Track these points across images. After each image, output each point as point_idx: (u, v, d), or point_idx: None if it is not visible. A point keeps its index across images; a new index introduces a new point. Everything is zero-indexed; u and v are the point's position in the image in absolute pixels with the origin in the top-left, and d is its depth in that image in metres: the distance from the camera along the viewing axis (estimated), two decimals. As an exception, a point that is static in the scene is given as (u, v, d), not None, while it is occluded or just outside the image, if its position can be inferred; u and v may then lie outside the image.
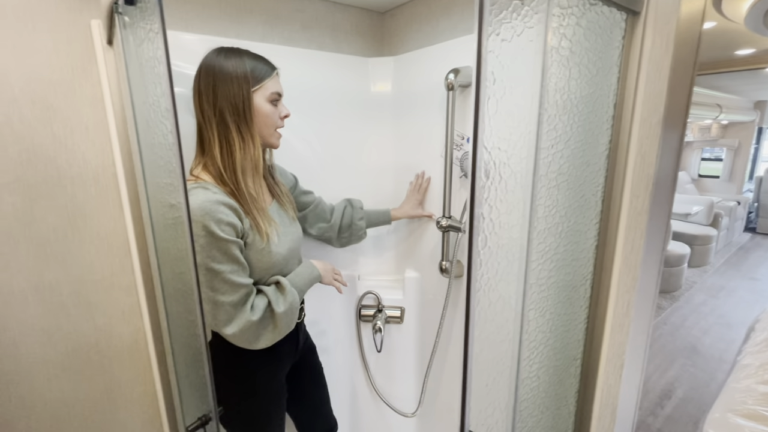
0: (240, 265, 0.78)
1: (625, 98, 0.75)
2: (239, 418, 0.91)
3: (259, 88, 0.82)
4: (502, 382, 0.73)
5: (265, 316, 0.81)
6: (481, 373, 0.69)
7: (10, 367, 0.95)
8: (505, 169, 0.63)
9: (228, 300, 0.76)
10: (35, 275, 0.96)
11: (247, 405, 0.91)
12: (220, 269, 0.75)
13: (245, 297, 0.78)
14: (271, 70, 0.85)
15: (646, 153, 0.70)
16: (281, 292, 0.85)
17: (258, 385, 0.91)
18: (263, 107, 0.82)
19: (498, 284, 0.67)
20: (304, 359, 1.09)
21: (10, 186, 0.90)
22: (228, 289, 0.76)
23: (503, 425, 0.76)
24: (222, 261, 0.75)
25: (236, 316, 0.77)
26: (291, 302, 0.84)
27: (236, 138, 0.80)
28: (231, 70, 0.78)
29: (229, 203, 0.77)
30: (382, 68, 1.37)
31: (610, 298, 0.80)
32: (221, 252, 0.75)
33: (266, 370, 0.92)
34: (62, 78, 0.92)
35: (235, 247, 0.76)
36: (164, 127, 0.69)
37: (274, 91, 0.85)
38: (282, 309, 0.82)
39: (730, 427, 1.28)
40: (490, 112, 0.59)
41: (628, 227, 0.74)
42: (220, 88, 0.78)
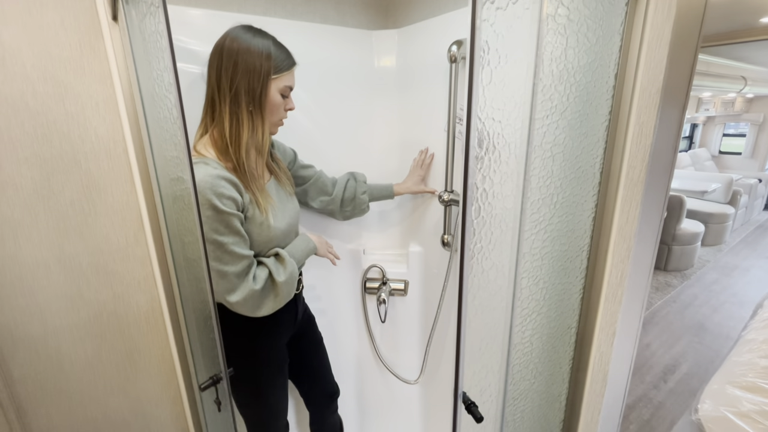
0: (241, 237, 0.81)
1: (627, 68, 0.74)
2: (242, 384, 0.97)
3: (277, 78, 0.83)
4: (495, 347, 0.77)
5: (266, 286, 0.85)
6: (474, 338, 0.72)
7: (39, 330, 1.02)
8: (499, 140, 0.64)
9: (231, 270, 0.80)
10: (56, 247, 1.01)
11: (248, 372, 0.97)
12: (223, 241, 0.78)
13: (247, 267, 0.82)
14: (291, 64, 0.86)
15: (644, 123, 0.70)
16: (281, 263, 0.89)
17: (258, 353, 0.97)
18: (274, 97, 0.84)
19: (491, 253, 0.69)
20: (303, 329, 1.14)
21: (29, 160, 0.94)
22: (231, 260, 0.79)
23: (495, 388, 0.80)
24: (224, 233, 0.78)
25: (239, 286, 0.81)
26: (290, 272, 0.88)
27: (246, 119, 0.81)
28: (256, 51, 0.79)
29: (230, 178, 0.79)
30: (387, 42, 1.36)
31: (606, 269, 0.82)
32: (223, 225, 0.78)
33: (266, 339, 0.97)
34: (71, 55, 0.94)
35: (236, 219, 0.80)
36: (168, 101, 0.72)
37: (288, 85, 0.86)
38: (282, 278, 0.86)
39: (728, 398, 1.30)
40: (485, 82, 0.59)
41: (624, 198, 0.74)
42: (242, 64, 0.78)
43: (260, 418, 1.05)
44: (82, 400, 1.11)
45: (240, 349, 0.95)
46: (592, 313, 0.87)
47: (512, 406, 0.85)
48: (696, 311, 3.04)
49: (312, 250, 1.00)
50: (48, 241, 1.00)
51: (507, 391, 0.80)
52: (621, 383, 0.93)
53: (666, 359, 2.49)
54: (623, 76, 0.74)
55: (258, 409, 1.03)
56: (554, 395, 0.94)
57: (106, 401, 1.15)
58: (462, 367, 0.65)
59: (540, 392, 0.90)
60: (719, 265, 3.87)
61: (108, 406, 1.16)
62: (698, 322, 2.89)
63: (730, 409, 1.25)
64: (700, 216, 4.19)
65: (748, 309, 3.03)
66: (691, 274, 3.68)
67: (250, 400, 1.02)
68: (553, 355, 0.89)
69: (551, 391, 0.93)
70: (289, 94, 0.88)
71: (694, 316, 2.98)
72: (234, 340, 0.94)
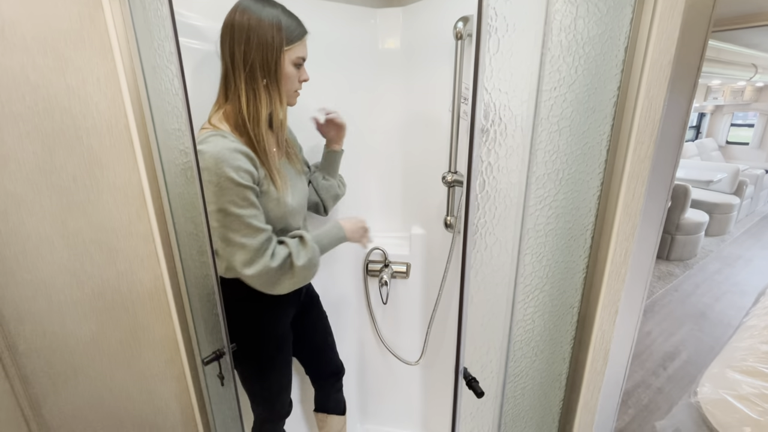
0: (259, 210, 0.81)
1: (638, 41, 0.72)
2: (246, 360, 0.99)
3: (289, 49, 0.82)
4: (497, 323, 0.77)
5: (284, 265, 0.83)
6: (476, 313, 0.72)
7: (43, 306, 1.03)
8: (506, 111, 0.62)
9: (249, 243, 0.79)
10: (59, 222, 1.01)
11: (252, 348, 0.98)
12: (241, 213, 0.77)
13: (266, 242, 0.81)
14: (303, 33, 0.85)
15: (654, 97, 0.68)
16: (303, 246, 0.87)
17: (263, 330, 0.98)
18: (287, 68, 0.83)
19: (495, 228, 0.69)
20: (307, 307, 1.15)
21: (31, 134, 0.93)
22: (249, 233, 0.78)
23: (497, 364, 0.80)
24: (242, 206, 0.77)
25: (256, 260, 0.80)
26: (311, 258, 0.87)
27: (263, 94, 0.81)
28: (267, 23, 0.78)
29: (246, 152, 0.79)
30: (391, 21, 1.33)
31: (610, 247, 0.81)
32: (240, 197, 0.77)
33: (270, 316, 0.98)
34: (71, 27, 0.93)
35: (252, 193, 0.79)
36: (170, 72, 0.71)
37: (300, 55, 0.85)
38: (301, 263, 0.84)
39: (727, 382, 1.31)
40: (492, 51, 0.58)
41: (630, 174, 0.73)
42: (254, 38, 0.78)
43: (263, 393, 1.06)
44: (87, 374, 1.13)
45: (245, 325, 0.96)
46: (595, 291, 0.86)
47: (513, 383, 0.85)
48: (697, 300, 3.05)
49: (341, 239, 0.98)
50: (51, 216, 1.00)
51: (508, 368, 0.80)
52: (622, 363, 0.93)
53: (666, 347, 2.50)
54: (633, 49, 0.72)
55: (261, 384, 1.04)
56: (555, 374, 0.95)
57: (111, 376, 1.16)
58: (463, 342, 0.65)
59: (541, 370, 0.91)
60: (722, 255, 3.86)
61: (113, 381, 1.17)
62: (699, 311, 2.89)
63: (730, 392, 1.26)
64: (705, 206, 4.16)
65: (749, 298, 3.02)
66: (694, 263, 3.67)
67: (253, 376, 1.03)
68: (555, 333, 0.89)
69: (552, 370, 0.94)
70: (302, 65, 0.87)
71: (696, 305, 2.98)
72: (239, 316, 0.94)
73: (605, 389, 0.88)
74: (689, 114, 0.77)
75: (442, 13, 1.18)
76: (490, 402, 0.85)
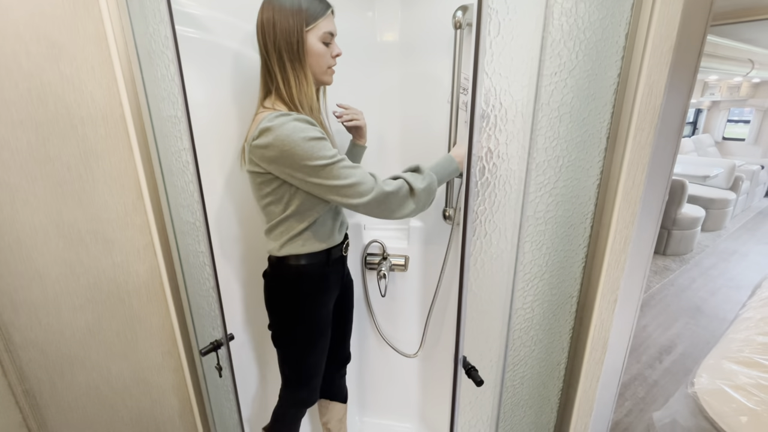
0: (342, 155, 0.84)
1: (638, 27, 0.72)
2: (291, 341, 1.02)
3: (312, 28, 0.85)
4: (496, 311, 0.77)
5: (400, 191, 0.84)
6: (475, 301, 0.72)
7: (39, 296, 1.02)
8: (506, 97, 0.62)
9: (353, 179, 0.81)
10: (54, 212, 1.00)
11: (300, 329, 1.01)
12: (335, 159, 0.81)
13: (365, 174, 0.83)
14: (326, 8, 0.87)
15: (654, 83, 0.68)
16: (420, 173, 0.88)
17: (310, 312, 1.01)
18: (315, 47, 0.86)
19: (494, 215, 0.68)
20: (345, 292, 1.18)
21: (24, 123, 0.92)
22: (349, 173, 0.81)
23: (496, 353, 0.80)
24: (332, 155, 0.81)
25: (368, 191, 0.81)
26: (429, 182, 0.86)
27: (292, 75, 0.86)
28: (288, 9, 0.83)
29: (311, 120, 0.84)
30: (389, 12, 1.32)
31: (609, 235, 0.81)
32: (327, 149, 0.81)
33: (317, 296, 1.01)
34: (64, 13, 0.92)
35: (330, 144, 0.83)
36: (165, 57, 0.70)
37: (327, 31, 0.87)
38: (422, 186, 0.84)
39: (724, 372, 1.32)
40: (492, 34, 0.57)
41: (631, 161, 0.73)
42: (278, 25, 0.83)
43: (299, 376, 1.08)
44: (84, 365, 1.12)
45: (292, 305, 1.00)
46: (594, 280, 0.86)
47: (512, 371, 0.85)
48: (693, 294, 3.06)
49: (455, 171, 0.94)
50: (45, 206, 0.99)
51: (507, 356, 0.80)
52: (620, 352, 0.93)
53: (662, 340, 2.52)
54: (634, 35, 0.72)
55: (300, 366, 1.06)
56: (554, 363, 0.95)
57: (108, 367, 1.16)
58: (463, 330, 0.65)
59: (540, 359, 0.91)
60: (718, 250, 3.88)
61: (110, 373, 1.16)
62: (695, 305, 2.91)
63: (726, 382, 1.27)
64: (701, 201, 4.18)
65: (744, 293, 3.04)
66: (690, 258, 3.69)
67: (294, 357, 1.05)
68: (554, 323, 0.89)
69: (551, 359, 0.94)
70: (331, 41, 0.90)
71: (691, 299, 3.00)
72: (287, 297, 0.99)
73: (603, 379, 0.88)
74: (689, 101, 0.76)
75: (440, 2, 1.17)
76: (489, 391, 0.85)
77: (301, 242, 0.95)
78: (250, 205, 1.25)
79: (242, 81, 1.11)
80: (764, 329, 1.52)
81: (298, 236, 0.94)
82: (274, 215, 0.94)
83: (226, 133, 1.13)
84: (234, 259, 1.25)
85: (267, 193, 0.91)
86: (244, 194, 1.23)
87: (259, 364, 1.41)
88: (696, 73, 0.74)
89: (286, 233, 0.94)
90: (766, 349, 1.40)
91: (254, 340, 1.37)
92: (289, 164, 0.81)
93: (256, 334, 1.37)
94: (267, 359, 1.43)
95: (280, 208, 0.92)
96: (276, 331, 1.05)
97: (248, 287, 1.29)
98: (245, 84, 1.11)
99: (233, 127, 1.14)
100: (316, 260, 0.98)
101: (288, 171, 0.82)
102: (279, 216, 0.93)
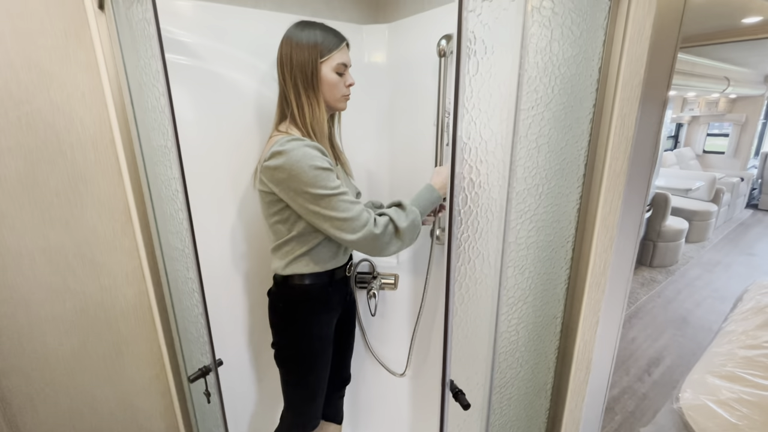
0: (347, 189, 0.87)
1: (610, 62, 0.76)
2: (294, 360, 1.03)
3: (326, 60, 0.91)
4: (481, 335, 0.78)
5: (387, 231, 0.87)
6: (460, 326, 0.74)
7: (23, 322, 1.01)
8: (485, 130, 0.65)
9: (348, 214, 0.84)
10: (41, 237, 1.00)
11: (303, 348, 1.02)
12: (335, 192, 0.84)
13: (363, 211, 0.86)
14: (340, 42, 0.93)
15: (626, 115, 0.72)
16: (403, 210, 0.91)
17: (313, 331, 1.02)
18: (329, 76, 0.92)
19: (477, 242, 0.70)
20: (348, 311, 1.19)
21: (12, 150, 0.93)
22: (345, 206, 0.84)
23: (482, 376, 0.81)
24: (333, 187, 0.84)
25: (359, 227, 0.84)
26: (413, 219, 0.90)
27: (306, 102, 0.91)
28: (304, 44, 0.90)
29: (322, 148, 0.88)
30: (377, 37, 1.36)
31: (590, 259, 0.84)
32: (331, 180, 0.84)
33: (320, 316, 1.03)
34: (56, 43, 0.93)
35: (335, 175, 0.86)
36: (156, 90, 0.71)
37: (341, 62, 0.93)
38: (405, 224, 0.88)
39: (708, 387, 1.34)
40: (471, 72, 0.60)
41: (607, 189, 0.76)
42: (295, 57, 0.90)
43: (301, 398, 1.08)
44: (68, 392, 1.10)
45: (296, 325, 1.01)
46: (577, 302, 0.89)
47: (499, 393, 0.87)
48: (679, 306, 3.12)
49: (437, 200, 0.97)
50: (32, 231, 0.98)
51: (494, 378, 0.81)
52: (604, 371, 0.95)
53: (650, 352, 2.55)
54: (607, 69, 0.76)
55: (302, 387, 1.06)
56: (540, 383, 0.96)
57: (92, 393, 1.14)
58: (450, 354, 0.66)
59: (526, 380, 0.92)
60: (702, 261, 3.96)
61: (95, 399, 1.15)
62: (681, 317, 2.96)
63: (710, 397, 1.29)
64: (685, 213, 4.28)
65: (728, 303, 3.10)
66: (675, 270, 3.76)
67: (296, 378, 1.06)
68: (539, 344, 0.91)
69: (537, 380, 0.95)
70: (344, 71, 0.95)
71: (678, 310, 3.05)
72: (290, 316, 1.00)
73: (589, 398, 0.90)
74: (661, 129, 0.80)
75: (425, 30, 1.21)
76: (477, 413, 0.86)
77: (305, 262, 0.98)
78: (258, 223, 1.26)
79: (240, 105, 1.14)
80: (746, 343, 1.56)
81: (302, 256, 0.97)
82: (281, 234, 0.97)
83: (237, 153, 1.16)
84: (238, 277, 1.26)
85: (274, 212, 0.94)
86: (253, 212, 1.24)
87: (256, 386, 1.40)
88: (665, 105, 0.78)
89: (291, 253, 0.97)
90: (748, 363, 1.43)
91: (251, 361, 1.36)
92: (293, 188, 0.84)
93: (252, 355, 1.36)
94: (262, 381, 1.41)
95: (286, 227, 0.95)
96: (279, 350, 1.05)
97: (250, 307, 1.29)
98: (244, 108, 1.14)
99: (240, 147, 1.16)
100: (320, 280, 1.01)
101: (291, 194, 0.86)
102: (285, 236, 0.96)
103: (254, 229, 1.27)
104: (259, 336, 1.35)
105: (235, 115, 1.15)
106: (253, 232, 1.26)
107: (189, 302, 0.88)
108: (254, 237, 1.27)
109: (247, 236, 1.26)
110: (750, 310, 1.82)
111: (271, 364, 1.10)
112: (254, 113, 1.18)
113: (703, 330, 2.77)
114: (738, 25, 2.55)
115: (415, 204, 0.93)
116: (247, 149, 1.18)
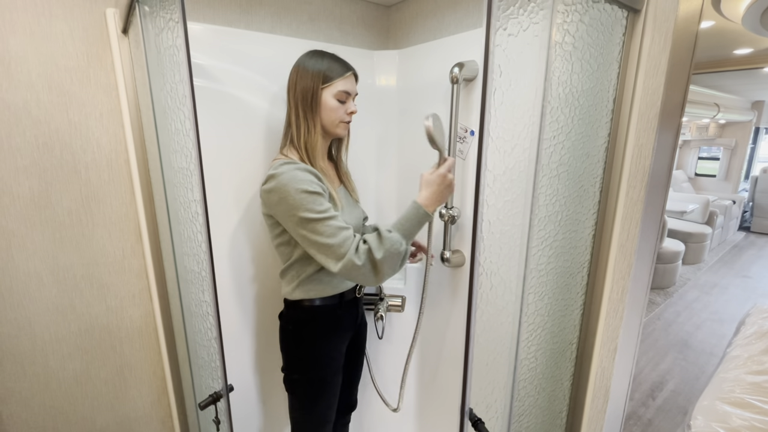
0: (335, 213, 0.86)
1: (624, 93, 0.78)
2: (303, 383, 1.01)
3: (328, 86, 0.93)
4: (502, 362, 0.77)
5: (366, 263, 0.85)
6: (481, 353, 0.73)
7: (26, 345, 0.98)
8: (510, 159, 0.66)
9: (332, 242, 0.83)
10: (50, 257, 0.98)
11: (313, 371, 1.00)
12: (321, 216, 0.83)
13: (348, 239, 0.84)
14: (345, 71, 0.96)
15: (643, 145, 0.74)
16: (379, 239, 0.87)
17: (323, 354, 1.00)
18: (329, 102, 0.94)
19: (500, 269, 0.71)
20: (358, 334, 1.17)
21: (28, 170, 0.92)
22: (331, 232, 0.83)
23: (501, 404, 0.80)
24: (320, 211, 0.83)
25: (342, 257, 0.83)
26: (387, 248, 0.84)
27: (303, 123, 0.94)
28: (310, 68, 0.93)
29: (312, 170, 0.89)
30: (387, 62, 1.39)
31: (606, 285, 0.84)
32: (317, 204, 0.84)
33: (330, 340, 1.01)
34: (78, 65, 0.94)
35: (325, 199, 0.86)
36: (182, 114, 0.72)
37: (343, 90, 0.95)
38: (380, 256, 0.84)
39: (718, 414, 1.33)
40: (496, 103, 0.62)
41: (624, 216, 0.77)
42: (300, 82, 0.93)
43: (314, 423, 1.04)
44: (68, 418, 1.06)
45: (304, 349, 0.99)
46: (592, 328, 0.89)
47: (517, 422, 0.85)
48: (679, 328, 3.11)
49: (425, 217, 0.91)
50: (42, 251, 0.97)
51: (513, 407, 0.80)
52: (621, 399, 0.94)
53: (653, 376, 2.52)
54: (620, 100, 0.78)
55: (311, 412, 1.03)
56: (555, 411, 0.95)
57: (93, 419, 1.10)
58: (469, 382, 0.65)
59: (542, 408, 0.91)
60: (699, 283, 3.98)
61: (95, 425, 1.10)
62: (682, 340, 2.95)
63: (722, 424, 1.28)
64: (680, 235, 4.33)
65: (728, 326, 3.11)
66: (674, 291, 3.77)
67: (305, 402, 1.03)
68: (555, 371, 0.90)
69: (553, 408, 0.94)
70: (346, 99, 0.97)
71: (678, 333, 3.05)
72: (300, 339, 0.99)
73: (607, 427, 0.89)
74: (674, 159, 0.82)
75: (436, 57, 1.24)
76: (494, 443, 0.84)
77: (312, 285, 0.97)
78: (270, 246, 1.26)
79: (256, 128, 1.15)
80: (752, 368, 1.55)
81: (309, 279, 0.96)
82: (286, 257, 0.97)
83: (250, 176, 1.17)
84: (249, 301, 1.24)
85: (276, 235, 0.95)
86: (264, 236, 1.24)
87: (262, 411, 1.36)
88: (678, 135, 0.80)
89: (297, 276, 0.97)
90: (756, 389, 1.43)
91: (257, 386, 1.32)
92: (283, 211, 0.85)
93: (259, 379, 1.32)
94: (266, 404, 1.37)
95: (289, 249, 0.95)
96: (288, 374, 1.03)
97: (257, 332, 1.27)
98: (262, 131, 1.16)
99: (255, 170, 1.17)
100: (330, 303, 1.00)
101: (284, 218, 0.87)
102: (290, 258, 0.96)
103: (265, 252, 1.26)
104: (267, 360, 1.32)
105: (250, 139, 1.15)
106: (264, 255, 1.25)
107: (202, 326, 0.87)
108: (265, 260, 1.26)
109: (258, 259, 1.25)
110: (753, 334, 1.83)
111: (278, 389, 1.08)
112: (267, 136, 1.19)
113: (705, 354, 2.76)
114: (730, 56, 2.65)
115: (398, 228, 0.89)
116: (260, 172, 1.19)
